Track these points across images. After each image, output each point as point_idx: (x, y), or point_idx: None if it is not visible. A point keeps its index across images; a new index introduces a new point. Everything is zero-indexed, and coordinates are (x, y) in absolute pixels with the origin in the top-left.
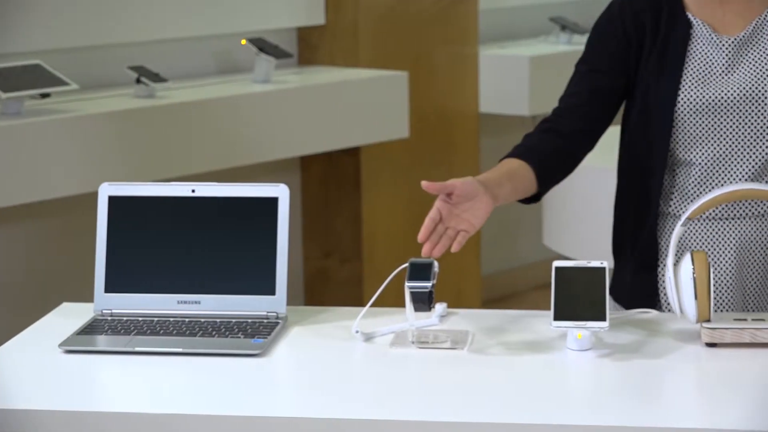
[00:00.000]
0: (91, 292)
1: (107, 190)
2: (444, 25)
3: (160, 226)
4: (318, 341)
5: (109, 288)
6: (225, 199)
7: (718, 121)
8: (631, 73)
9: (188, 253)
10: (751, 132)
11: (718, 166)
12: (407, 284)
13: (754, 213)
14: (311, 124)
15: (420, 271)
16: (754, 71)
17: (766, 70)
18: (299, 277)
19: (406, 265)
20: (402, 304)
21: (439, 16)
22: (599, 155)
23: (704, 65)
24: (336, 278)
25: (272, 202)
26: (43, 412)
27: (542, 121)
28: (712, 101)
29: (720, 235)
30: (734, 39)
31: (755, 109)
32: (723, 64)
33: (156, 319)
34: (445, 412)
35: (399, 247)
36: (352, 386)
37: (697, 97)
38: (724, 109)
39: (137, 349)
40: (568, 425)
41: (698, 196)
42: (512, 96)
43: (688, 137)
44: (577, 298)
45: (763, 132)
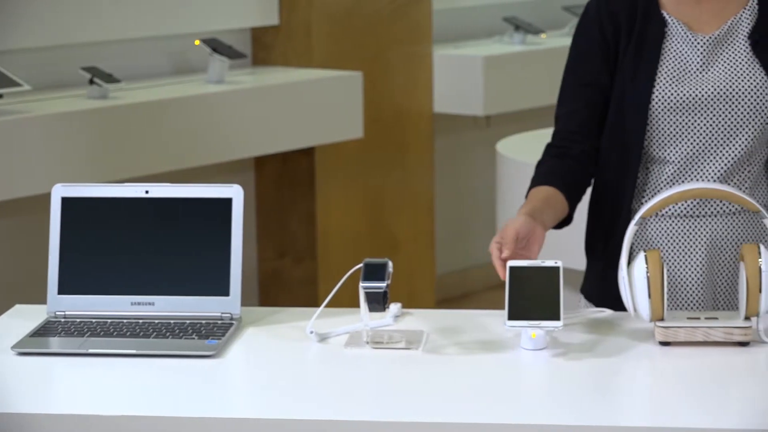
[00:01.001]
0: (44, 293)
1: (60, 192)
2: (398, 25)
3: (114, 227)
4: (272, 342)
5: (63, 290)
6: (179, 200)
7: (693, 119)
8: (612, 74)
9: (142, 254)
10: (724, 130)
11: (691, 164)
12: (362, 284)
13: (725, 211)
14: (265, 125)
15: (374, 272)
16: (729, 70)
17: (740, 68)
18: (253, 278)
19: (360, 265)
20: (356, 305)
21: (393, 16)
22: None
23: (679, 63)
24: (290, 279)
25: (226, 203)
26: None
27: (548, 146)
28: (687, 99)
29: (691, 233)
30: (709, 37)
31: (728, 107)
32: (698, 62)
33: (110, 320)
34: (399, 413)
35: (353, 248)
36: (307, 387)
37: (671, 94)
38: (699, 107)
39: (91, 351)
40: (522, 424)
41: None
42: (466, 96)
43: (663, 135)
44: (531, 298)
45: (735, 130)
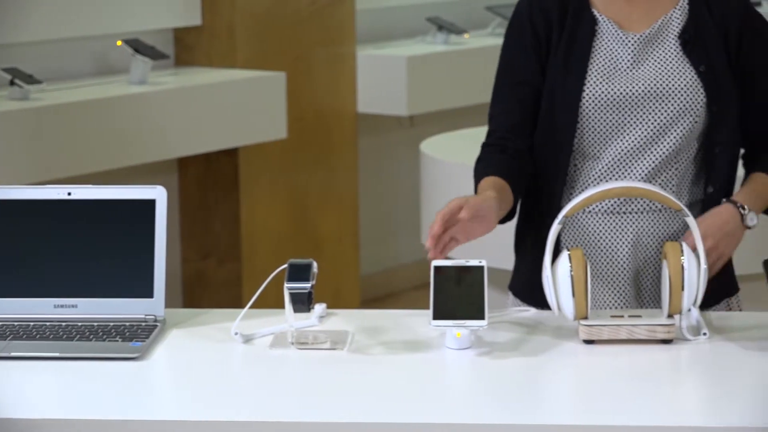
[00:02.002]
0: None
1: None
2: (321, 26)
3: (36, 229)
4: (197, 343)
5: None
6: (102, 201)
7: (623, 117)
8: (544, 71)
9: (65, 256)
10: (653, 128)
11: (621, 161)
12: (286, 285)
13: (650, 208)
14: (188, 126)
15: (299, 272)
16: (659, 68)
17: (669, 67)
18: (177, 280)
19: (285, 266)
20: (281, 306)
21: (316, 16)
22: (475, 153)
23: (610, 62)
24: (214, 280)
25: (149, 204)
26: None
27: (485, 144)
28: (617, 97)
29: (616, 230)
30: (640, 36)
31: (658, 106)
32: (628, 61)
33: (32, 323)
34: (324, 413)
35: (278, 248)
36: (231, 388)
37: (602, 93)
38: (629, 105)
39: (13, 354)
40: (447, 423)
41: None
42: (390, 96)
43: (593, 133)
44: (456, 297)
45: (664, 129)
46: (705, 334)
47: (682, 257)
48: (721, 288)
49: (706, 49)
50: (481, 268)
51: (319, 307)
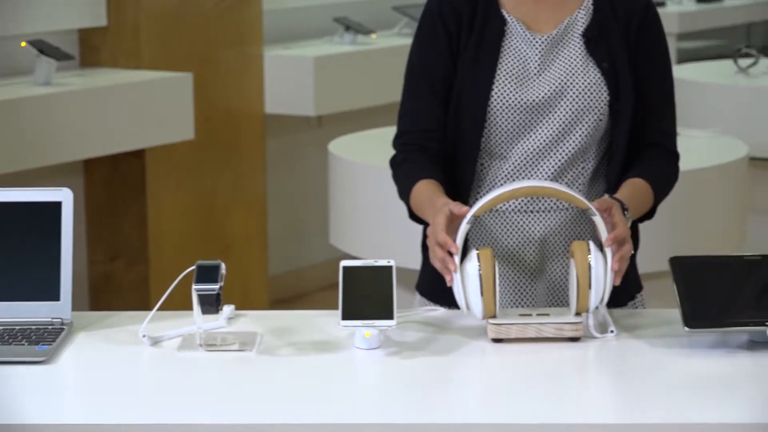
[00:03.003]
0: None
1: None
2: (228, 26)
3: None
4: (104, 346)
5: None
6: (6, 204)
7: (530, 117)
8: (456, 70)
9: None
10: (559, 127)
11: (528, 161)
12: (194, 287)
13: (557, 206)
14: (94, 127)
15: (207, 274)
16: (565, 69)
17: (575, 67)
18: (84, 282)
19: (193, 267)
20: (190, 307)
21: (223, 16)
22: (383, 153)
23: (518, 62)
24: (122, 282)
25: (55, 207)
26: None
27: (402, 143)
28: (525, 98)
29: (526, 228)
30: (547, 37)
31: (565, 106)
32: (536, 62)
33: None
34: (233, 415)
35: (186, 250)
36: (140, 391)
37: (510, 94)
38: (536, 106)
39: None
40: (356, 424)
41: None
42: (298, 96)
43: (501, 133)
44: (364, 297)
45: (571, 128)
46: (612, 331)
47: (589, 256)
48: (627, 286)
49: (609, 46)
50: (390, 268)
51: (227, 309)
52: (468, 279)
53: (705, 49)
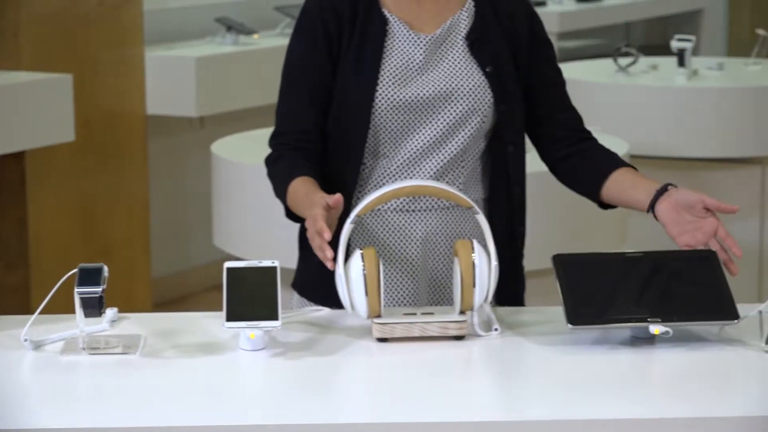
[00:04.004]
0: None
1: None
2: (109, 27)
3: None
4: None
5: None
6: None
7: (414, 118)
8: (336, 71)
9: None
10: (443, 128)
11: (412, 161)
12: (77, 290)
13: (439, 206)
14: None
15: (89, 277)
16: (448, 70)
17: (458, 69)
18: None
19: (75, 270)
20: (72, 311)
21: (103, 17)
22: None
23: (401, 63)
24: (2, 286)
25: None
26: None
27: (278, 143)
28: (409, 99)
29: (407, 227)
30: (430, 37)
31: (447, 106)
32: (419, 62)
33: None
34: (116, 418)
35: (68, 253)
36: (22, 395)
37: (394, 94)
38: (420, 107)
39: None
40: (240, 425)
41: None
42: (180, 97)
43: (385, 133)
44: (249, 298)
45: (453, 129)
46: (496, 329)
47: (473, 254)
48: (512, 285)
49: (492, 50)
50: (274, 268)
51: (110, 312)
52: (352, 279)
53: (585, 48)
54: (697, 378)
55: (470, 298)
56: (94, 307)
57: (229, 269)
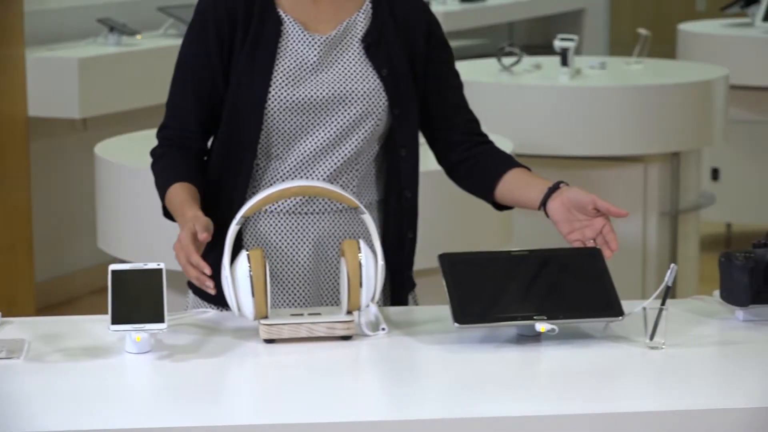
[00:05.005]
0: None
1: None
2: None
3: None
4: None
5: None
6: None
7: (308, 120)
8: (228, 71)
9: None
10: (337, 131)
11: (305, 163)
12: None
13: (330, 208)
14: None
15: None
16: (343, 72)
17: (353, 71)
18: None
19: None
20: None
21: None
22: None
23: (295, 64)
24: None
25: None
26: None
27: (164, 138)
28: (302, 101)
29: (298, 230)
30: (325, 38)
31: (342, 109)
32: (313, 63)
33: None
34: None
35: None
36: None
37: (287, 95)
38: (314, 109)
39: None
40: (126, 429)
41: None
42: (62, 99)
43: (278, 135)
44: (135, 301)
45: (347, 132)
46: (384, 329)
47: (359, 254)
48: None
49: (389, 53)
50: (160, 270)
51: None
52: (238, 281)
53: (469, 48)
54: (582, 374)
55: (357, 297)
56: None
57: (114, 272)
